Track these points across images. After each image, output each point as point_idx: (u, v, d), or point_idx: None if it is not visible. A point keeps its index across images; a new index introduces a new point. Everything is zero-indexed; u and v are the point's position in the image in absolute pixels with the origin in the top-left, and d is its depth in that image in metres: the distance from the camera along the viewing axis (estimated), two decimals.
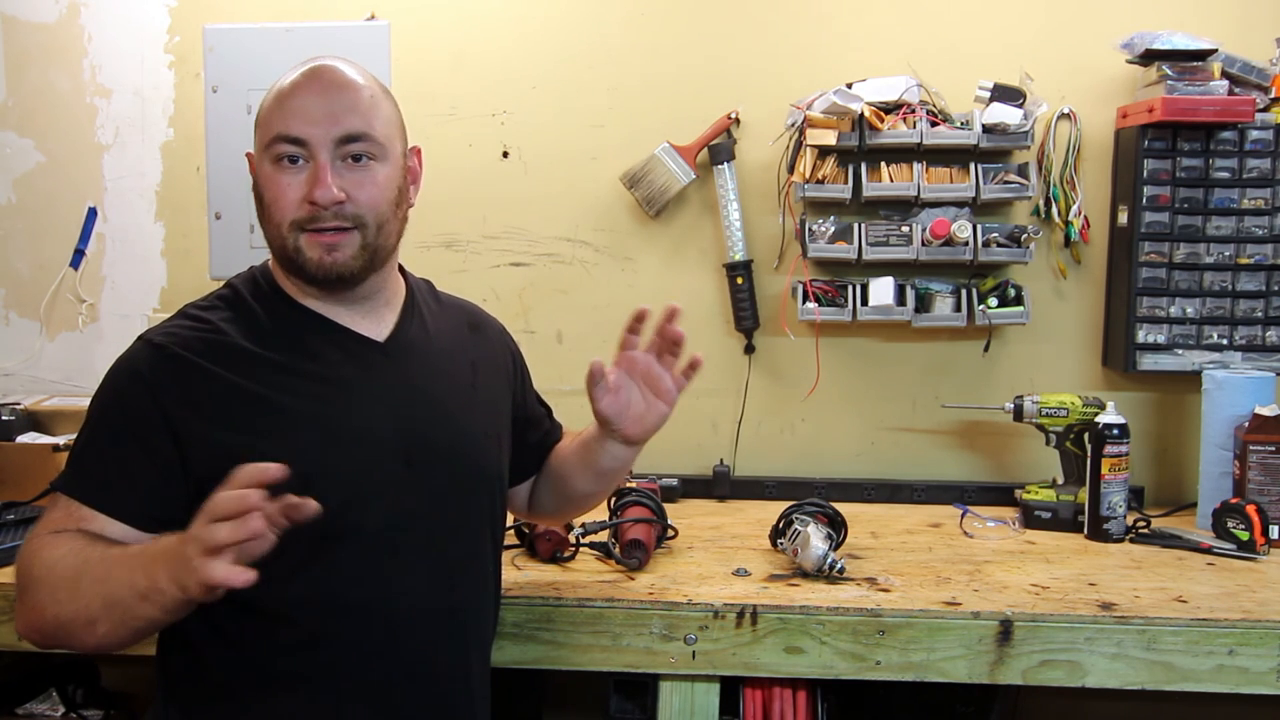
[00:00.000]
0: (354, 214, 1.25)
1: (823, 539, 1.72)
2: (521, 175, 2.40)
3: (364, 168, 1.26)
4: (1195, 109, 2.12)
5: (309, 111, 1.24)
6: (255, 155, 1.28)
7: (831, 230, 2.25)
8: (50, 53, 2.46)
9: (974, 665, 1.55)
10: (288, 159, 1.24)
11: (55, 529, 1.18)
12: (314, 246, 1.24)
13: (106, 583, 1.10)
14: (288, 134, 1.23)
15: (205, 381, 1.21)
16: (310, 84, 1.26)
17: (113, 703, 2.14)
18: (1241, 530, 1.89)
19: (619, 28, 2.36)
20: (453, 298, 1.52)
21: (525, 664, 1.59)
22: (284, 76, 1.29)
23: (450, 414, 1.35)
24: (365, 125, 1.26)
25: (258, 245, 2.29)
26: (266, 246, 1.30)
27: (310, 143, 1.23)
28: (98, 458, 1.21)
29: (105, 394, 1.24)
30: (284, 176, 1.24)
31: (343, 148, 1.25)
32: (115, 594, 1.09)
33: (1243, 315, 2.21)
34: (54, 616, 1.13)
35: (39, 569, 1.14)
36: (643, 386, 1.41)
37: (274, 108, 1.26)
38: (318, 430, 1.23)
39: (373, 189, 1.26)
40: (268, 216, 1.26)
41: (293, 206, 1.24)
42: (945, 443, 2.39)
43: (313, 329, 1.30)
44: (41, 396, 2.34)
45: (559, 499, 1.58)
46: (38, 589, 1.14)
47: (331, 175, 1.23)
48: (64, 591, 1.12)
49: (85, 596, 1.11)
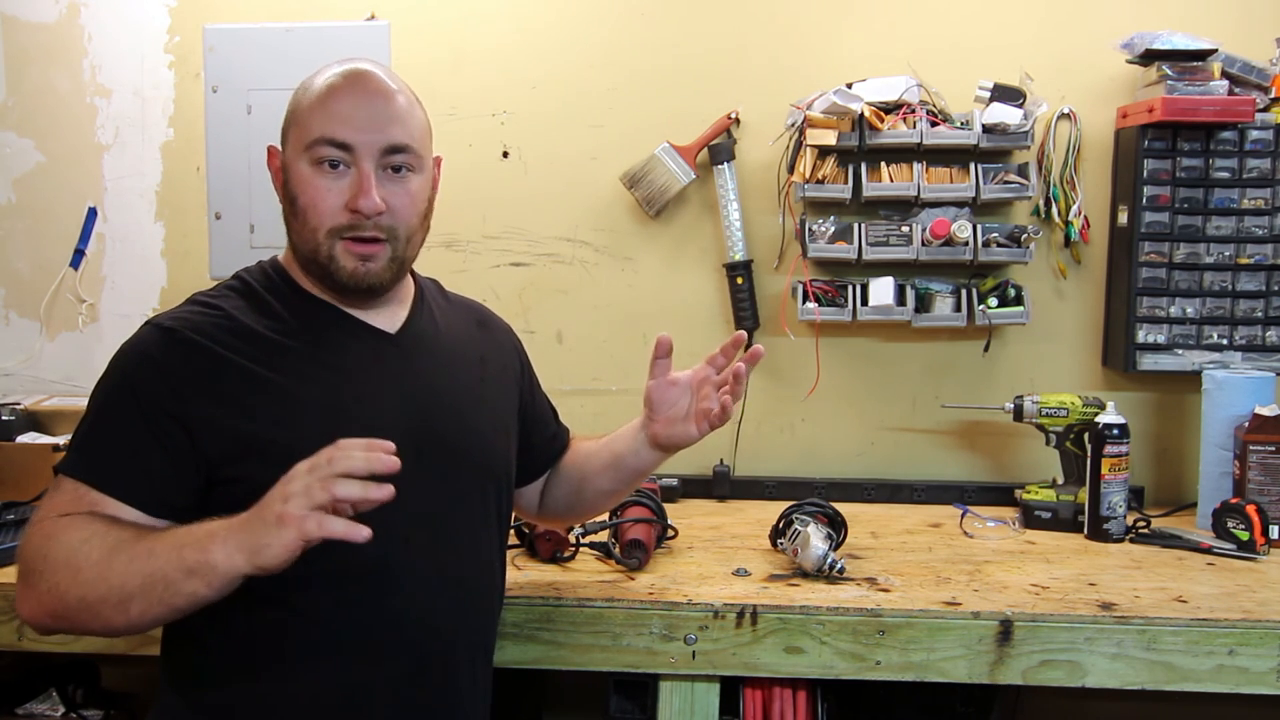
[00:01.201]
0: (389, 225, 1.26)
1: (823, 539, 1.72)
2: (521, 175, 2.40)
3: (402, 179, 1.27)
4: (1195, 109, 2.12)
5: (354, 117, 1.24)
6: (287, 153, 1.27)
7: (831, 230, 2.25)
8: (50, 53, 2.46)
9: (974, 665, 1.55)
10: (329, 163, 1.24)
11: (63, 512, 1.16)
12: (349, 256, 1.25)
13: (146, 560, 1.08)
14: (333, 138, 1.23)
15: (216, 365, 1.21)
16: (353, 88, 1.25)
17: (113, 703, 2.14)
18: (1241, 530, 1.89)
19: (619, 28, 2.36)
20: (460, 296, 1.53)
21: (525, 664, 1.59)
22: (319, 75, 1.28)
23: (459, 407, 1.35)
24: (407, 136, 1.27)
25: (258, 245, 2.31)
26: (266, 246, 1.31)
27: (356, 149, 1.23)
28: (107, 441, 1.20)
29: (114, 376, 1.22)
30: (324, 180, 1.24)
31: (386, 158, 1.25)
32: (156, 570, 1.08)
33: (1243, 315, 2.21)
34: (79, 599, 1.11)
35: (58, 551, 1.12)
36: (694, 400, 1.44)
37: (315, 108, 1.25)
38: (328, 418, 1.22)
39: (408, 201, 1.28)
40: (302, 219, 1.25)
41: (332, 212, 1.24)
42: (945, 443, 2.39)
43: (326, 319, 1.30)
44: (41, 396, 2.34)
45: (576, 499, 1.59)
46: (55, 572, 1.11)
47: (375, 185, 1.23)
48: (90, 572, 1.10)
49: (119, 575, 1.09)
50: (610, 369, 2.40)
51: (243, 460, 1.19)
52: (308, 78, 1.30)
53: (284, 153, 1.29)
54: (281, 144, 1.30)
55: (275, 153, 1.31)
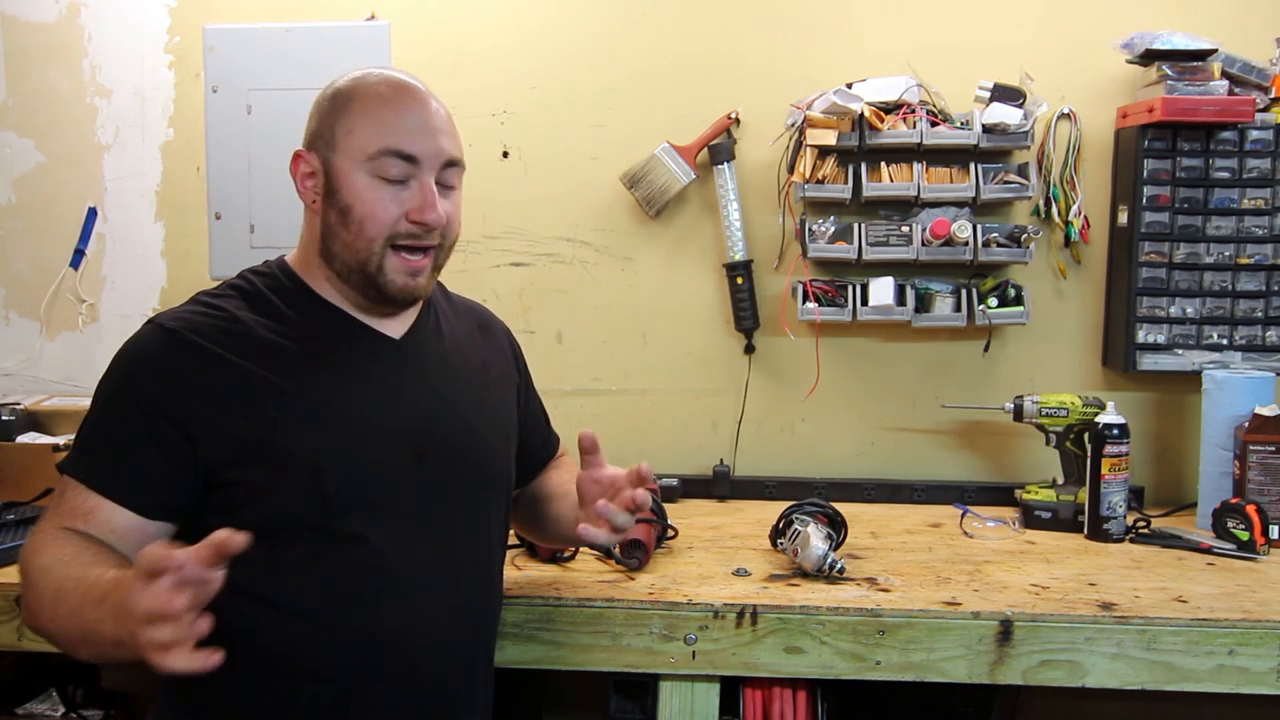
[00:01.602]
0: (442, 236, 1.28)
1: (823, 539, 1.72)
2: (521, 175, 2.40)
3: (451, 191, 1.29)
4: (1195, 109, 2.12)
5: (415, 129, 1.25)
6: (338, 162, 1.25)
7: (831, 230, 2.25)
8: (50, 53, 2.46)
9: (974, 665, 1.55)
10: (394, 176, 1.24)
11: (60, 524, 1.17)
12: (400, 270, 1.26)
13: (79, 617, 1.06)
14: (400, 149, 1.23)
15: (219, 368, 1.20)
16: (407, 99, 1.26)
17: (113, 703, 2.14)
18: (1241, 530, 1.89)
19: (619, 28, 2.36)
20: (462, 298, 1.52)
21: (525, 664, 1.59)
22: (360, 84, 1.26)
23: (462, 412, 1.35)
24: (457, 149, 1.29)
25: (258, 245, 2.30)
26: (266, 246, 1.30)
27: (421, 161, 1.24)
28: (107, 443, 1.20)
29: (116, 377, 1.22)
30: (384, 191, 1.24)
31: (443, 171, 1.27)
32: (89, 631, 1.06)
33: (1243, 315, 2.21)
34: (41, 628, 1.13)
35: (33, 572, 1.13)
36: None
37: (369, 118, 1.24)
38: (331, 422, 1.23)
39: (456, 213, 1.30)
40: (358, 229, 1.24)
41: (391, 222, 1.24)
42: (945, 443, 2.39)
43: (331, 324, 1.30)
44: (41, 396, 2.34)
45: (531, 523, 1.59)
46: (29, 592, 1.13)
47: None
48: (47, 609, 1.10)
49: (62, 621, 1.09)
50: (610, 369, 2.40)
51: (242, 463, 1.19)
52: (338, 84, 1.28)
53: (329, 160, 1.25)
54: (316, 150, 1.27)
55: (305, 158, 1.28)
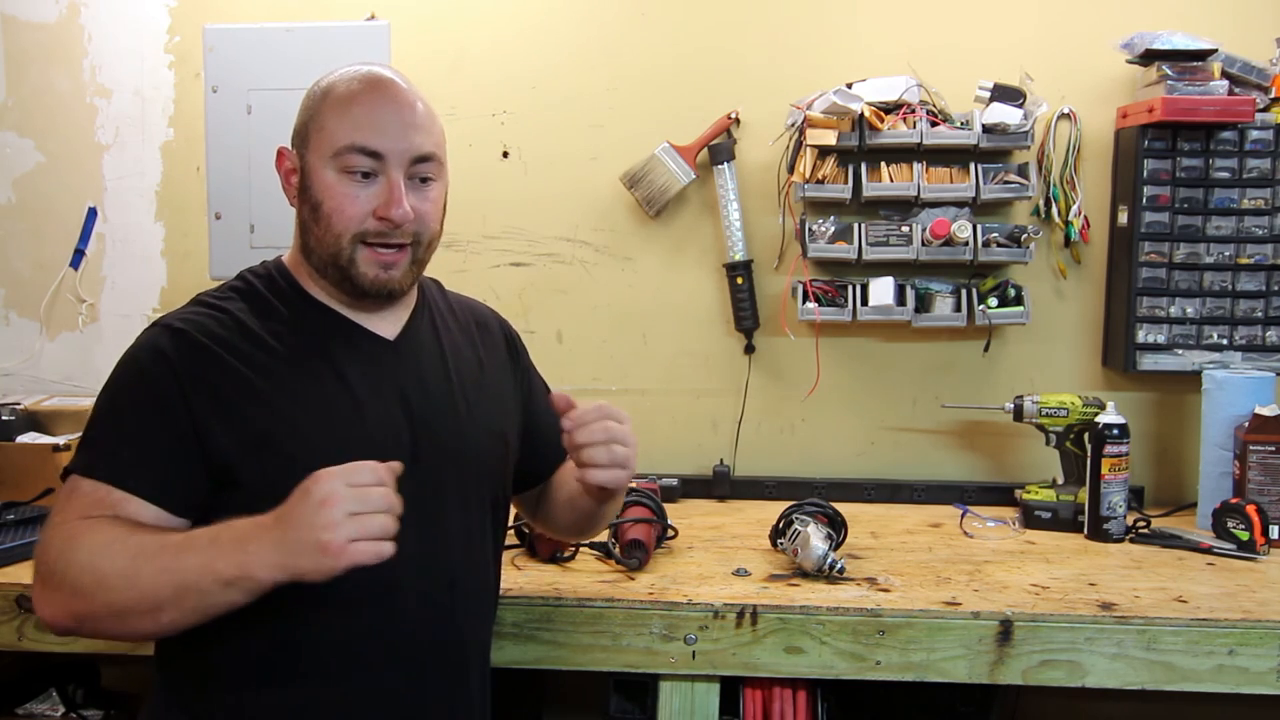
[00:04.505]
0: (414, 232, 1.27)
1: (823, 539, 1.72)
2: (521, 175, 2.40)
3: (426, 187, 1.28)
4: (1195, 109, 2.12)
5: (383, 125, 1.24)
6: (309, 158, 1.26)
7: (831, 230, 2.25)
8: (50, 53, 2.46)
9: (974, 665, 1.55)
10: (359, 172, 1.24)
11: (84, 514, 1.15)
12: (370, 263, 1.26)
13: (176, 571, 1.08)
14: (364, 146, 1.23)
15: (223, 370, 1.21)
16: (380, 96, 1.26)
17: (113, 703, 2.14)
18: (1241, 530, 1.89)
19: (618, 28, 2.36)
20: (459, 296, 1.52)
21: (525, 664, 1.59)
22: (336, 79, 1.28)
23: (458, 412, 1.35)
24: (433, 145, 1.28)
25: (258, 245, 2.30)
26: (266, 246, 1.30)
27: (387, 157, 1.24)
28: (125, 440, 1.19)
29: (127, 374, 1.22)
30: (350, 188, 1.24)
31: (414, 167, 1.26)
32: (189, 581, 1.08)
33: (1243, 315, 2.21)
34: (105, 604, 1.10)
35: (81, 555, 1.11)
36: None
37: (339, 114, 1.25)
38: (328, 425, 1.23)
39: (432, 209, 1.29)
40: (326, 225, 1.25)
41: (358, 219, 1.24)
42: (945, 443, 2.39)
43: (328, 326, 1.30)
44: (41, 396, 2.34)
45: (553, 518, 1.55)
46: (80, 575, 1.10)
47: (405, 193, 1.24)
48: (118, 578, 1.09)
49: (148, 583, 1.09)
50: (610, 369, 2.40)
51: (242, 466, 1.19)
52: (321, 81, 1.29)
53: (303, 156, 1.27)
54: (295, 147, 1.29)
55: (287, 155, 1.30)
